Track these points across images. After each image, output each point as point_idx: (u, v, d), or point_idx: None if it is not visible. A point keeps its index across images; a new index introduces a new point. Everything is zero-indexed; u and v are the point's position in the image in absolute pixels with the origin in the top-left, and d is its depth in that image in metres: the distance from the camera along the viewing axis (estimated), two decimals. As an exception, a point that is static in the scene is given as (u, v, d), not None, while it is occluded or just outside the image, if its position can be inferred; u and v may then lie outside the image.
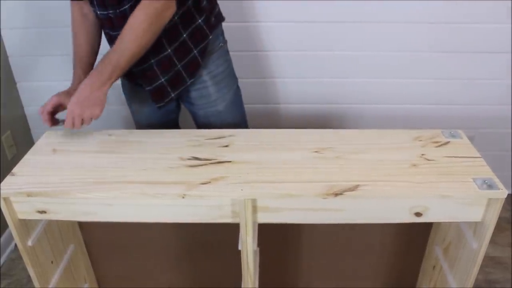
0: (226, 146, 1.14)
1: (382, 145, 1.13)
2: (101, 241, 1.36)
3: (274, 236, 1.23)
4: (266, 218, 1.01)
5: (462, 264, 1.12)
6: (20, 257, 1.11)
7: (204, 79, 1.29)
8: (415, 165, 1.05)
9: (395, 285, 1.44)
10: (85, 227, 1.33)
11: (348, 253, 1.37)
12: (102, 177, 1.03)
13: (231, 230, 1.07)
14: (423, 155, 1.09)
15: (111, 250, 1.38)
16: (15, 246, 1.82)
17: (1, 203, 1.00)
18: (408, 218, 1.00)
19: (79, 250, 1.35)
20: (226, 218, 1.01)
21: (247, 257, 1.04)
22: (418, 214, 1.00)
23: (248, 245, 1.02)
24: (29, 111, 1.92)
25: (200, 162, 1.07)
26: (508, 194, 1.90)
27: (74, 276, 1.32)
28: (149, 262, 1.41)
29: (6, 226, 1.47)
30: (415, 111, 1.87)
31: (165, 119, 1.43)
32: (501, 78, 1.79)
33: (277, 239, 1.30)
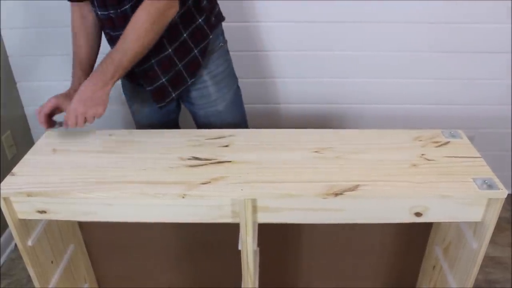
0: (226, 146, 1.14)
1: (382, 145, 1.13)
2: (101, 241, 1.36)
3: (274, 236, 1.23)
4: (266, 218, 1.01)
5: (462, 264, 1.12)
6: (20, 257, 1.11)
7: (204, 79, 1.29)
8: (415, 165, 1.05)
9: (395, 285, 1.44)
10: (85, 227, 1.33)
11: (348, 253, 1.37)
12: (102, 177, 1.03)
13: (231, 230, 1.07)
14: (423, 155, 1.09)
15: (111, 250, 1.38)
16: (15, 246, 1.82)
17: (1, 203, 1.00)
18: (408, 218, 1.00)
19: (79, 250, 1.35)
20: (226, 218, 1.01)
21: (247, 257, 1.04)
22: (418, 214, 1.00)
23: (248, 245, 1.02)
24: (29, 111, 1.92)
25: (200, 162, 1.07)
26: (508, 194, 1.90)
27: (74, 276, 1.32)
28: (149, 262, 1.41)
29: (6, 226, 1.47)
30: (415, 111, 1.87)
31: (165, 119, 1.43)
32: (501, 78, 1.79)
33: (277, 239, 1.30)
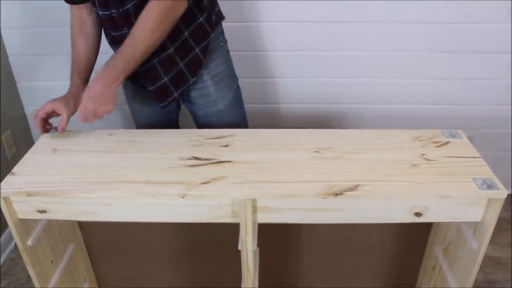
0: (226, 146, 1.14)
1: (382, 145, 1.13)
2: (101, 241, 1.36)
3: (274, 236, 1.23)
4: (266, 218, 1.01)
5: (462, 264, 1.12)
6: (20, 256, 1.11)
7: (205, 78, 1.29)
8: (415, 165, 1.05)
9: (395, 285, 1.44)
10: (85, 227, 1.33)
11: (348, 253, 1.37)
12: (102, 176, 1.03)
13: (231, 230, 1.07)
14: (423, 155, 1.09)
15: (111, 250, 1.38)
16: (15, 245, 1.82)
17: (1, 202, 1.00)
18: (408, 218, 1.00)
19: (79, 250, 1.35)
20: (226, 218, 1.01)
21: (247, 257, 1.04)
22: (418, 214, 1.00)
23: (248, 245, 1.02)
24: (29, 111, 1.92)
25: (200, 162, 1.07)
26: (508, 194, 1.90)
27: (74, 276, 1.32)
28: (149, 262, 1.41)
29: (6, 225, 1.47)
30: (415, 111, 1.87)
31: (165, 119, 1.43)
32: (501, 78, 1.79)
33: (277, 239, 1.30)
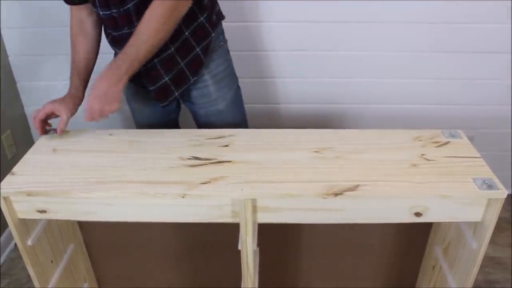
0: (226, 146, 1.14)
1: (382, 145, 1.13)
2: (101, 241, 1.36)
3: (274, 236, 1.23)
4: (266, 218, 1.01)
5: (461, 264, 1.12)
6: (20, 256, 1.11)
7: (205, 78, 1.29)
8: (415, 165, 1.05)
9: (395, 285, 1.44)
10: (85, 227, 1.33)
11: (348, 253, 1.37)
12: (102, 176, 1.03)
13: (231, 230, 1.07)
14: (423, 155, 1.09)
15: (111, 250, 1.38)
16: (15, 245, 1.82)
17: (1, 202, 1.00)
18: (408, 218, 1.00)
19: (79, 250, 1.35)
20: (226, 218, 1.01)
21: (247, 257, 1.04)
22: (418, 214, 1.00)
23: (248, 245, 1.02)
24: (29, 110, 1.92)
25: (200, 162, 1.07)
26: (508, 194, 1.90)
27: (74, 276, 1.32)
28: (149, 262, 1.41)
29: (6, 225, 1.47)
30: (415, 111, 1.87)
31: (165, 119, 1.43)
32: (501, 78, 1.79)
33: (277, 239, 1.30)
